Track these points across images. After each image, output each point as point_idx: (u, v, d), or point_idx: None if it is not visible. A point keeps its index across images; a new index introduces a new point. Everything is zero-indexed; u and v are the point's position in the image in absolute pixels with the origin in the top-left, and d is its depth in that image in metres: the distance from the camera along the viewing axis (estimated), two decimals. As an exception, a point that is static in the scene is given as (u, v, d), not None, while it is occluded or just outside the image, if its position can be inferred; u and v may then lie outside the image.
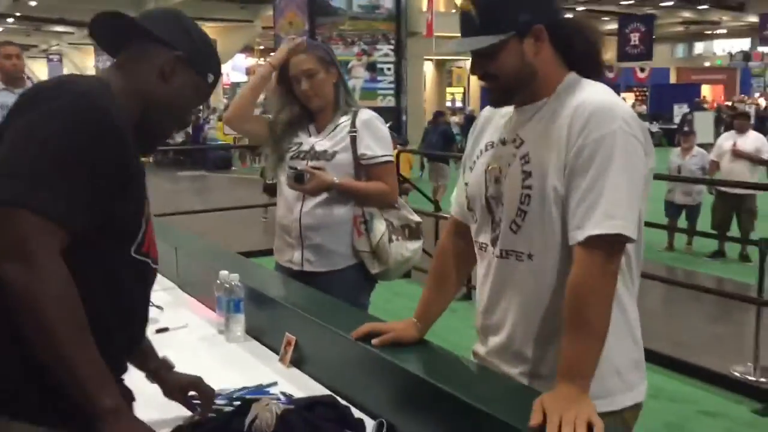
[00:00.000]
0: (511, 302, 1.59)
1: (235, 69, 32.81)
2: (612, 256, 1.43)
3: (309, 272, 2.64)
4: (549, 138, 1.50)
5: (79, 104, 1.22)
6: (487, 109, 1.74)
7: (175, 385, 1.64)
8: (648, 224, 6.55)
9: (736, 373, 4.42)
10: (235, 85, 29.63)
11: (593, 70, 1.58)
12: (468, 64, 1.87)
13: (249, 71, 31.01)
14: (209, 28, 23.14)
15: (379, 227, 2.62)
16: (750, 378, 4.36)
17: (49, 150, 1.17)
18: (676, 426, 3.88)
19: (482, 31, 1.49)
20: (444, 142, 11.59)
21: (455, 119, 18.84)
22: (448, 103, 25.21)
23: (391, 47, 10.08)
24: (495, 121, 1.69)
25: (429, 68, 25.91)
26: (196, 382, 1.65)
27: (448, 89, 31.32)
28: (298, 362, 2.01)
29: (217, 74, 1.47)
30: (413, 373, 1.61)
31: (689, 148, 8.23)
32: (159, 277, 1.70)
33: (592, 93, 1.50)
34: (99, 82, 1.33)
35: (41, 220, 1.15)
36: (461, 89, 32.72)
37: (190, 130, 17.74)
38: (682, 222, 8.14)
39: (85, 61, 40.14)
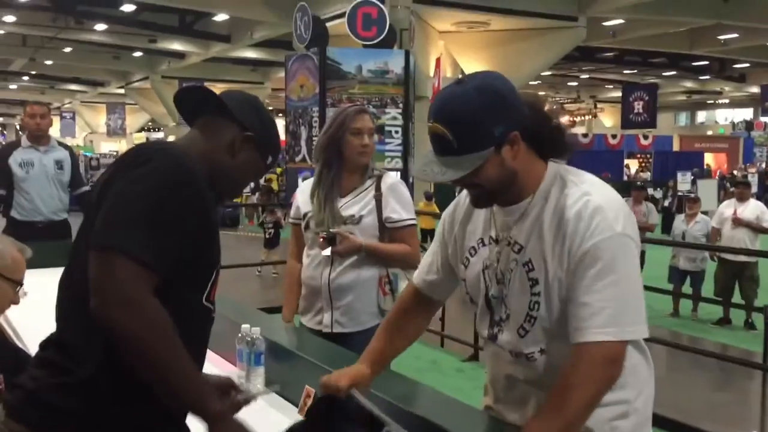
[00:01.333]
0: (529, 387, 1.62)
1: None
2: (615, 362, 1.45)
3: (338, 333, 2.75)
4: (549, 242, 1.51)
5: (172, 167, 1.38)
6: (465, 194, 1.71)
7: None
8: (653, 289, 6.45)
9: (742, 440, 4.45)
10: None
11: (562, 151, 1.60)
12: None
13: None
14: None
15: (403, 287, 2.74)
16: (756, 445, 4.38)
17: (144, 205, 1.32)
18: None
19: (460, 151, 1.47)
20: None
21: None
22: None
23: (399, 111, 10.26)
24: (475, 212, 1.69)
25: (435, 131, 26.29)
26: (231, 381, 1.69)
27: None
28: (317, 414, 2.08)
29: (275, 157, 1.62)
30: (433, 422, 1.69)
31: (694, 215, 8.36)
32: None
33: (587, 192, 1.51)
34: (185, 147, 1.49)
35: (135, 265, 1.27)
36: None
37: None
38: (686, 288, 8.19)
39: (97, 118, 40.81)
